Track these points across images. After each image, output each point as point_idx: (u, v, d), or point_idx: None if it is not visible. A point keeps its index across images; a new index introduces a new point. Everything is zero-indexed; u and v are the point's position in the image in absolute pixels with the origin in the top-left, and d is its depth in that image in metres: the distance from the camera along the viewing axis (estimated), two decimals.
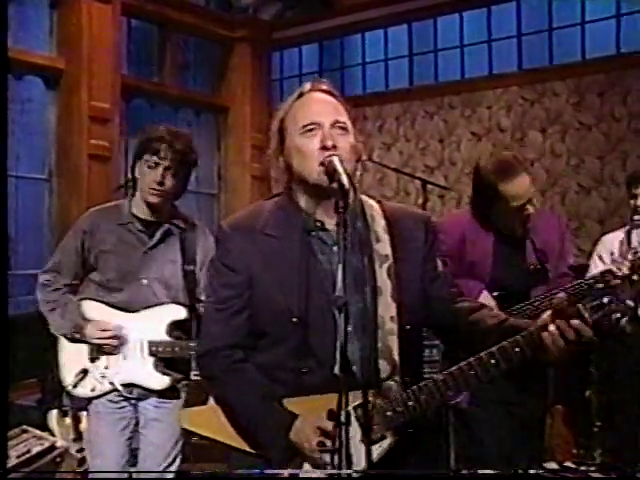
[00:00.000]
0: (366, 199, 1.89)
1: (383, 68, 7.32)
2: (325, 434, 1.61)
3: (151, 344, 2.77)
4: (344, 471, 1.45)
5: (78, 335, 2.79)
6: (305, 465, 1.68)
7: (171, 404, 2.84)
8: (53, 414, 3.88)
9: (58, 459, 3.68)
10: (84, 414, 3.31)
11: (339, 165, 1.65)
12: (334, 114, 1.77)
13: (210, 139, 7.50)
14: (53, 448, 3.70)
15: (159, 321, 2.78)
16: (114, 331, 2.75)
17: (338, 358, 1.47)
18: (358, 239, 1.78)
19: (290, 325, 1.71)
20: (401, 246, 1.81)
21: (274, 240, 1.78)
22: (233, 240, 1.81)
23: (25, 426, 3.78)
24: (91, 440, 2.93)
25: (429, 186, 5.02)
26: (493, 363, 1.66)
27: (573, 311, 1.62)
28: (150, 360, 2.78)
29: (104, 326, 2.76)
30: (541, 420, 3.15)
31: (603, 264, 3.47)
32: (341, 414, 1.44)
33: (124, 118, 6.51)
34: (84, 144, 6.00)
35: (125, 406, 2.83)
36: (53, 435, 3.82)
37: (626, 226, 3.57)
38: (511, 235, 2.94)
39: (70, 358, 2.87)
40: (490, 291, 2.89)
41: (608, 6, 6.13)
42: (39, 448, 3.65)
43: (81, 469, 3.68)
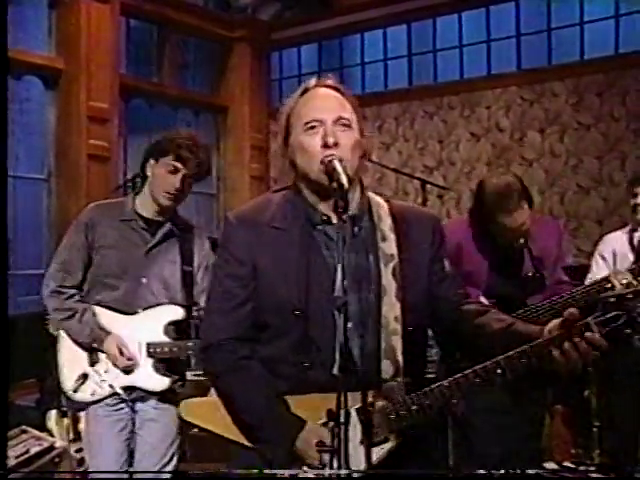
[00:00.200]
0: (374, 196, 1.87)
1: (382, 68, 7.33)
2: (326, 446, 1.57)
3: (149, 346, 2.77)
4: (343, 471, 1.44)
5: (95, 345, 2.78)
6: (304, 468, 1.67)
7: (168, 404, 2.84)
8: (52, 414, 3.87)
9: (57, 459, 3.67)
10: (83, 414, 3.30)
11: (339, 165, 1.65)
12: (337, 110, 1.75)
13: (209, 139, 7.49)
14: (52, 448, 3.69)
15: (157, 321, 2.78)
16: (130, 355, 2.74)
17: (337, 359, 1.46)
18: (363, 237, 1.78)
19: (292, 318, 1.70)
20: (407, 246, 1.79)
21: (280, 233, 1.77)
22: (239, 232, 1.80)
23: (24, 426, 3.77)
24: (89, 441, 2.93)
25: (428, 186, 5.01)
26: (499, 373, 1.63)
27: (582, 325, 1.58)
28: (149, 362, 2.77)
29: (122, 345, 2.74)
30: (539, 423, 3.14)
31: (605, 264, 3.46)
32: (340, 414, 1.44)
33: (123, 118, 6.51)
34: (83, 144, 6.01)
35: (122, 407, 2.82)
36: (52, 435, 3.82)
37: (627, 226, 3.55)
38: (508, 247, 2.93)
39: (70, 361, 2.85)
40: (486, 299, 2.88)
41: (607, 6, 6.14)
42: (38, 448, 3.64)
43: (80, 469, 3.68)
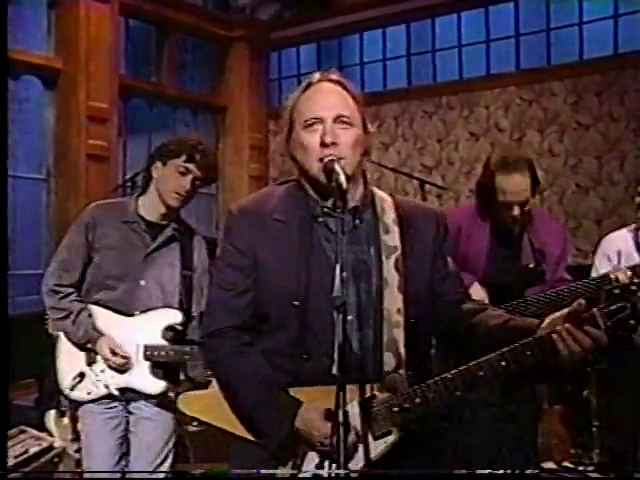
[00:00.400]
0: (378, 191, 1.88)
1: (381, 68, 7.34)
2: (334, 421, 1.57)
3: (146, 348, 2.77)
4: (342, 471, 1.44)
5: (89, 345, 2.79)
6: (308, 455, 1.67)
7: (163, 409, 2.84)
8: (51, 414, 3.87)
9: (56, 459, 3.68)
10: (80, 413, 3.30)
11: (337, 166, 1.65)
12: (338, 108, 1.74)
13: (208, 139, 7.48)
14: (51, 448, 3.69)
15: (155, 324, 2.78)
16: (124, 354, 2.74)
17: (336, 358, 1.46)
18: (365, 229, 1.78)
19: (291, 309, 1.70)
20: (411, 239, 1.80)
21: (281, 225, 1.78)
22: (241, 223, 1.81)
23: (23, 426, 3.77)
24: (83, 439, 2.93)
25: (427, 186, 5.02)
26: (503, 365, 1.63)
27: (587, 316, 1.59)
28: (146, 364, 2.77)
29: (114, 346, 2.74)
30: (532, 422, 3.13)
31: (610, 264, 3.43)
32: (339, 414, 1.44)
33: (122, 118, 6.52)
34: (82, 144, 6.01)
35: (116, 406, 2.82)
36: (51, 435, 3.82)
37: (630, 225, 3.53)
38: (508, 233, 2.94)
39: (67, 361, 2.85)
40: (483, 286, 2.88)
41: (606, 6, 6.15)
42: (37, 448, 3.64)
43: (79, 469, 3.68)
